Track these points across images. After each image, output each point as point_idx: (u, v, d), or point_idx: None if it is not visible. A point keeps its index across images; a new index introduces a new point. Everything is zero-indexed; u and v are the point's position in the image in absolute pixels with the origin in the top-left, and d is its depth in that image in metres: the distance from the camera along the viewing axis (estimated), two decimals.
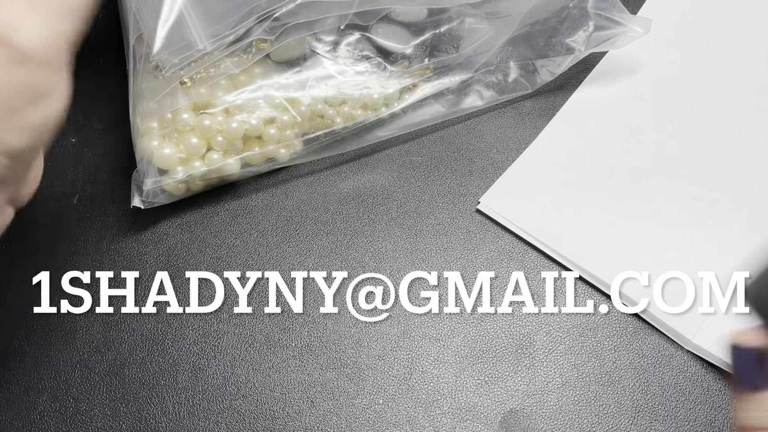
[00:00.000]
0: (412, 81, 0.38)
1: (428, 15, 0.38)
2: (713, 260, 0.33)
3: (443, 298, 0.34)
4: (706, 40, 0.42)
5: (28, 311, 0.33)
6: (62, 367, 0.32)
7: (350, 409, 0.31)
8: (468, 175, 0.37)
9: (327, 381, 0.32)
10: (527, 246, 0.35)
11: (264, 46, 0.35)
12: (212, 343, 0.33)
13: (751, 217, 0.35)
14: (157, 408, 0.31)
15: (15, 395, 0.31)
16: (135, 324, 0.34)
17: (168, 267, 0.35)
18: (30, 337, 0.33)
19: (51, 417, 0.31)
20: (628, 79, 0.40)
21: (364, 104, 0.37)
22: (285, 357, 0.33)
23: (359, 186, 0.37)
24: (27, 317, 0.33)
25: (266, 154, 0.36)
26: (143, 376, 0.32)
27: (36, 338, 0.33)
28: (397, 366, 0.32)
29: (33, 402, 0.29)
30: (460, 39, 0.38)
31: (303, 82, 0.36)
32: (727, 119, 0.38)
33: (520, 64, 0.39)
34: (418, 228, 0.36)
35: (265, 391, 0.32)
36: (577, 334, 0.33)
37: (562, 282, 0.34)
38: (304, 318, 0.33)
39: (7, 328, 0.33)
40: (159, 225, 0.36)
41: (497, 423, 0.31)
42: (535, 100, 0.40)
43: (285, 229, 0.36)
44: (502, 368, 0.32)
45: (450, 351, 0.32)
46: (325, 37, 0.37)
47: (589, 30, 0.38)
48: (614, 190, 0.36)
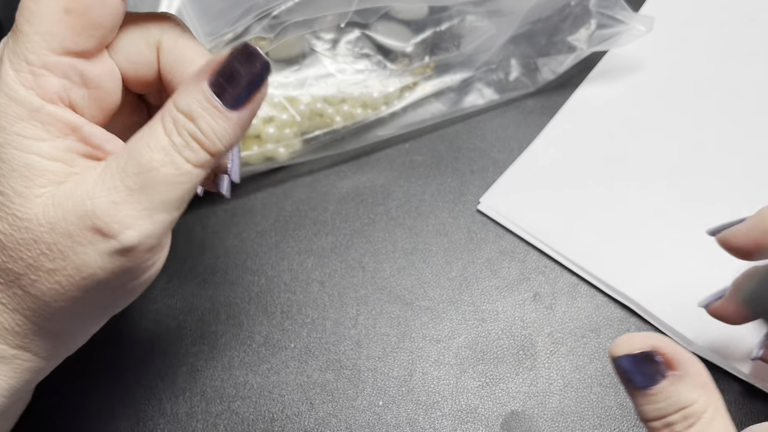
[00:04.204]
0: (413, 79, 0.38)
1: (429, 13, 0.38)
2: (713, 260, 0.33)
3: (443, 298, 0.34)
4: (708, 38, 0.41)
5: None
6: (61, 367, 0.32)
7: (350, 410, 0.31)
8: (468, 175, 0.37)
9: (326, 382, 0.32)
10: (527, 246, 0.35)
11: (263, 44, 0.34)
12: (210, 343, 0.33)
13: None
14: (155, 409, 0.31)
15: None
16: (133, 324, 0.33)
17: (166, 267, 0.35)
18: None
19: (50, 418, 0.31)
20: (630, 77, 0.40)
21: (364, 103, 0.37)
22: (284, 358, 0.32)
23: (359, 185, 0.37)
24: None
25: (265, 153, 0.36)
26: (141, 377, 0.32)
27: None
28: (398, 367, 0.32)
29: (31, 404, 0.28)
30: (461, 37, 0.38)
31: (302, 80, 0.36)
32: (728, 118, 0.38)
33: (522, 62, 0.39)
34: (418, 228, 0.36)
35: (264, 393, 0.31)
36: (579, 336, 0.32)
37: (564, 282, 0.34)
38: (303, 319, 0.33)
39: None
40: None
41: (498, 425, 0.30)
42: (537, 98, 0.40)
43: (284, 229, 0.36)
44: (503, 370, 0.32)
45: (451, 352, 0.32)
46: (325, 35, 0.37)
47: (591, 28, 0.38)
48: (616, 189, 0.36)
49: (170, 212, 0.22)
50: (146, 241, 0.22)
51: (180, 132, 0.21)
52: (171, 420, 0.31)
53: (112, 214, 0.21)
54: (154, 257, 0.23)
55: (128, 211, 0.21)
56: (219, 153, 0.22)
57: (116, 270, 0.22)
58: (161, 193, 0.21)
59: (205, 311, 0.34)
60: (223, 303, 0.34)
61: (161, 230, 0.22)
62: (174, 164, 0.21)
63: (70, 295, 0.22)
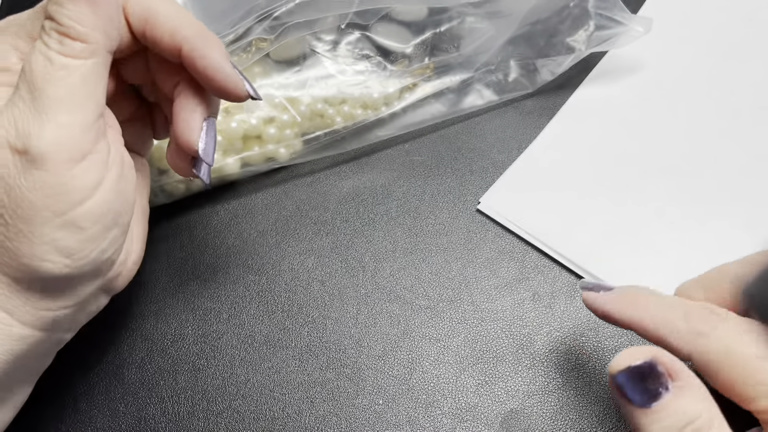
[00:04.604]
0: (413, 80, 0.38)
1: (428, 14, 0.38)
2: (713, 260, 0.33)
3: (443, 297, 0.34)
4: (707, 39, 0.42)
5: None
6: (61, 366, 0.32)
7: (350, 409, 0.31)
8: (468, 175, 0.37)
9: (327, 381, 0.32)
10: (527, 246, 0.35)
11: (263, 46, 0.35)
12: (212, 343, 0.33)
13: (751, 216, 0.35)
14: (156, 408, 0.31)
15: None
16: (135, 324, 0.34)
17: (167, 267, 0.35)
18: None
19: (50, 417, 0.31)
20: (629, 78, 0.40)
21: (364, 104, 0.37)
22: (285, 357, 0.32)
23: (359, 186, 0.37)
24: None
25: (266, 153, 0.36)
26: (143, 376, 0.32)
27: None
28: (397, 366, 0.32)
29: (32, 402, 0.28)
30: (460, 38, 0.38)
31: (303, 81, 0.36)
32: (727, 118, 0.38)
33: (521, 63, 0.39)
34: (418, 228, 0.36)
35: (265, 392, 0.32)
36: (578, 334, 0.33)
37: (563, 282, 0.34)
38: (303, 318, 0.33)
39: None
40: (158, 225, 0.36)
41: (498, 423, 0.31)
42: (536, 99, 0.40)
43: (285, 229, 0.36)
44: (502, 368, 0.32)
45: (450, 351, 0.32)
46: (325, 37, 0.37)
47: (589, 29, 0.38)
48: (615, 190, 0.36)
49: (71, 113, 0.22)
50: (56, 147, 0.21)
51: (48, 32, 0.22)
52: (172, 419, 0.31)
53: (18, 129, 0.21)
54: (86, 172, 0.22)
55: (28, 120, 0.21)
56: (81, 36, 0.22)
57: (46, 189, 0.21)
58: (47, 91, 0.22)
59: (206, 310, 0.34)
60: (225, 302, 0.34)
61: (69, 133, 0.22)
62: (49, 60, 0.22)
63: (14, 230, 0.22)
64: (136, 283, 0.34)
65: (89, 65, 0.22)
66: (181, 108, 0.26)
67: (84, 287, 0.24)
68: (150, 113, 0.30)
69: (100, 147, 0.23)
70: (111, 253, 0.24)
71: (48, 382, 0.32)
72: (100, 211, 0.23)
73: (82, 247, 0.23)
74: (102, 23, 0.22)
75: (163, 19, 0.25)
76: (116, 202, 0.23)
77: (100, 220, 0.23)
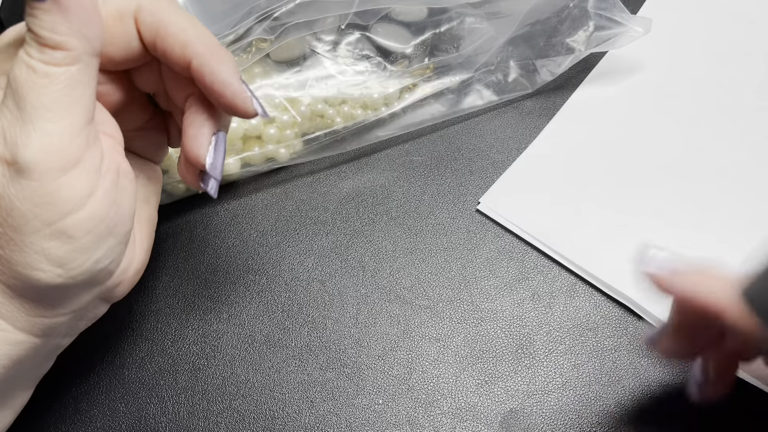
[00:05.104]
0: (412, 81, 0.38)
1: (428, 14, 0.38)
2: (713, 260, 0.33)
3: (442, 297, 0.34)
4: (706, 39, 0.42)
5: None
6: (62, 366, 0.32)
7: (350, 409, 0.31)
8: (468, 175, 0.37)
9: (327, 381, 0.32)
10: (527, 246, 0.35)
11: (264, 46, 0.35)
12: (211, 342, 0.33)
13: (751, 216, 0.35)
14: (156, 408, 0.31)
15: None
16: (135, 323, 0.34)
17: (168, 266, 0.35)
18: None
19: (50, 417, 0.31)
20: (629, 78, 0.40)
21: (364, 104, 0.37)
22: (284, 357, 0.32)
23: (359, 186, 0.37)
24: None
25: (266, 153, 0.36)
26: (143, 375, 0.32)
27: None
28: (397, 366, 0.32)
29: (32, 402, 0.28)
30: (460, 39, 0.38)
31: (303, 81, 0.36)
32: (726, 119, 0.38)
33: (521, 63, 0.39)
34: (418, 228, 0.36)
35: (265, 391, 0.32)
36: (578, 334, 0.33)
37: (563, 282, 0.34)
38: (303, 318, 0.33)
39: None
40: (159, 225, 0.36)
41: (497, 423, 0.31)
42: (535, 99, 0.40)
43: (285, 229, 0.36)
44: (502, 368, 0.32)
45: (450, 351, 0.32)
46: (325, 37, 0.37)
47: (589, 30, 0.38)
48: (614, 190, 0.36)
49: (57, 120, 0.22)
50: (43, 156, 0.21)
51: (29, 42, 0.22)
52: (172, 419, 0.31)
53: (5, 139, 0.21)
54: (76, 181, 0.22)
55: (15, 130, 0.21)
56: (59, 44, 0.22)
57: (35, 199, 0.21)
58: (32, 100, 0.21)
59: (206, 310, 0.34)
60: (225, 302, 0.34)
61: (56, 141, 0.22)
62: (32, 69, 0.22)
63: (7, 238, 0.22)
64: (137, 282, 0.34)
65: (73, 71, 0.22)
66: (190, 121, 0.26)
67: (80, 296, 0.24)
68: (164, 121, 0.30)
69: (92, 154, 0.23)
70: (107, 263, 0.24)
71: (48, 381, 0.32)
72: (92, 220, 0.23)
73: (74, 257, 0.22)
74: (77, 28, 0.22)
75: (173, 31, 0.24)
76: (110, 212, 0.23)
77: (93, 230, 0.23)
